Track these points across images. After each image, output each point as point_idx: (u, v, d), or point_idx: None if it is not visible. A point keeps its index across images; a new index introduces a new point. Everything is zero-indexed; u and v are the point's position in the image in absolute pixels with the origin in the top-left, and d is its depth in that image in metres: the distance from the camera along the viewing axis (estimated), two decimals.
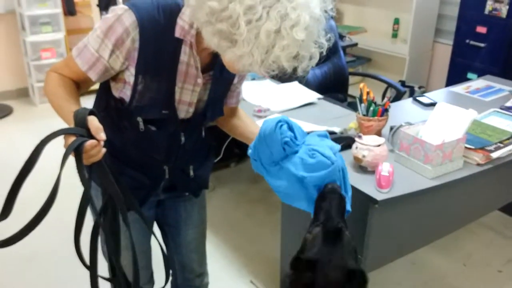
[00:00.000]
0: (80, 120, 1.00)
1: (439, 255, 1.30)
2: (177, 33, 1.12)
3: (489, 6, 3.20)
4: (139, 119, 1.20)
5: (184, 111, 1.25)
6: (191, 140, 1.33)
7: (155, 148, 1.28)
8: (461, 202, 1.92)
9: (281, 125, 1.12)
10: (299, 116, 2.19)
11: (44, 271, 2.40)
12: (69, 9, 4.58)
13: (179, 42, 1.13)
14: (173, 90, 1.19)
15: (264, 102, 2.30)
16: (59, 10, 4.37)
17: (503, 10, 3.14)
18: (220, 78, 1.26)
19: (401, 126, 1.84)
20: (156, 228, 1.44)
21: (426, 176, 1.66)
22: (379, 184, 1.58)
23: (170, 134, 1.26)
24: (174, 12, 1.11)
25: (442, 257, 2.41)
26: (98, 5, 4.40)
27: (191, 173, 1.40)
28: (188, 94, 1.22)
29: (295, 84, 2.61)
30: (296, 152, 1.13)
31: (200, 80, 1.20)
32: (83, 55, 1.14)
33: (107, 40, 1.10)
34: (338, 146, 1.15)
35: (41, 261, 2.44)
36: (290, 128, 1.14)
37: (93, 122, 1.00)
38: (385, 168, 1.59)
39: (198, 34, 1.11)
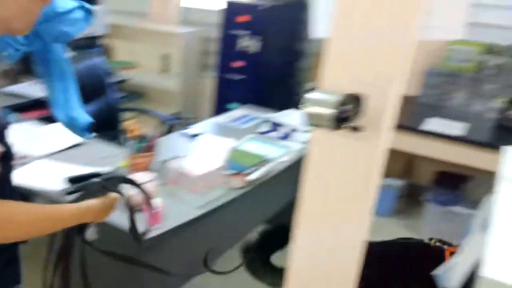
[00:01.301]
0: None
1: (217, 277, 1.39)
2: None
3: (242, 43, 3.61)
4: None
5: None
6: None
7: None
8: (229, 224, 2.08)
9: None
10: (66, 159, 2.07)
11: None
12: None
13: None
14: None
15: (24, 148, 2.10)
16: None
17: (255, 46, 3.58)
18: None
19: (168, 160, 1.92)
20: None
21: (194, 205, 1.76)
22: (150, 220, 1.59)
23: None
24: None
25: (220, 278, 2.54)
26: None
27: None
28: None
29: (60, 125, 2.46)
30: None
31: None
32: None
33: None
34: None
35: None
36: None
37: None
38: (155, 204, 1.62)
39: None
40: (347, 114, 0.73)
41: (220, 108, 3.59)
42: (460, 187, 3.19)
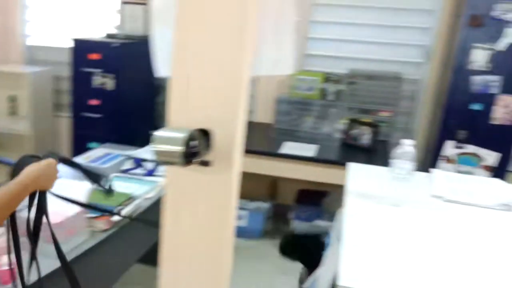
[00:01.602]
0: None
1: None
2: None
3: (96, 80, 3.50)
4: None
5: None
6: None
7: None
8: (98, 268, 1.97)
9: None
10: None
11: None
12: None
13: None
14: None
15: None
16: None
17: (110, 84, 3.50)
18: None
19: (20, 209, 1.76)
20: None
21: (55, 256, 1.63)
22: (2, 280, 1.45)
23: None
24: None
25: None
26: None
27: None
28: None
29: None
30: None
31: None
32: None
33: None
34: None
35: None
36: None
37: None
38: (5, 261, 1.47)
39: None
40: (196, 149, 0.77)
41: (79, 148, 3.41)
42: (320, 202, 3.46)
